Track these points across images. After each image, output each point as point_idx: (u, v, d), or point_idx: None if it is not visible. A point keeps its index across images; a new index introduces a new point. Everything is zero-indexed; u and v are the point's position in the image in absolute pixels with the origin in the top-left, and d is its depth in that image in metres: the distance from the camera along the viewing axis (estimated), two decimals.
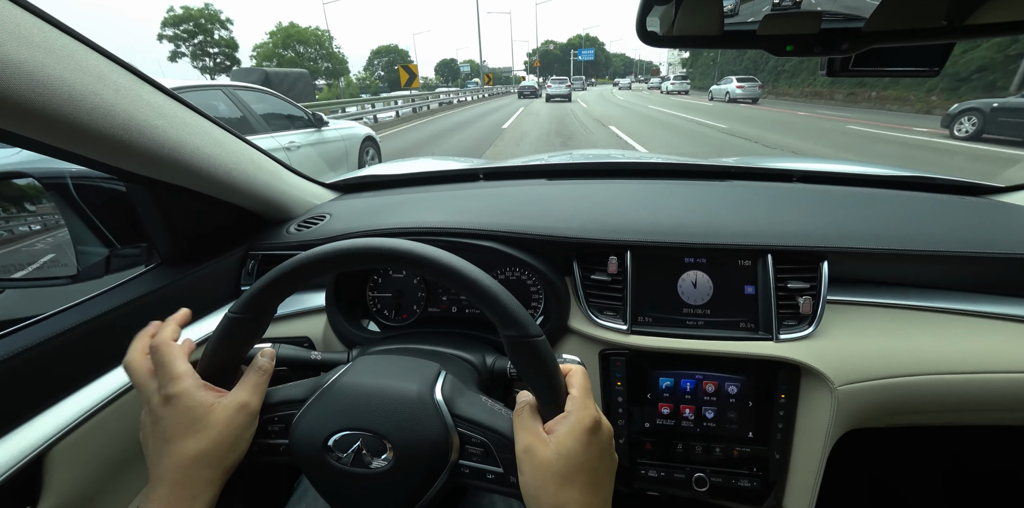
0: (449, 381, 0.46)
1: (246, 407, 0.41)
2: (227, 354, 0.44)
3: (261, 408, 0.44)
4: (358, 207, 0.92)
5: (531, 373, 0.40)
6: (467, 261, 0.40)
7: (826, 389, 0.66)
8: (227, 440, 0.39)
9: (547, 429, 0.39)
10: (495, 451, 0.41)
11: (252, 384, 0.43)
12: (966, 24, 0.44)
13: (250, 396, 0.42)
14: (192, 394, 0.40)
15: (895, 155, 7.09)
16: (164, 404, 0.40)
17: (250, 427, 0.42)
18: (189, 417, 0.39)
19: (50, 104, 0.42)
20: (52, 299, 0.60)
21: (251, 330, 0.44)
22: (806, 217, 0.75)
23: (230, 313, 0.42)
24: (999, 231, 0.73)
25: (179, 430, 0.39)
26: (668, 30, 0.51)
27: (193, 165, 0.61)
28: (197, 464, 0.38)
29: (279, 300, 0.44)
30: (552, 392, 0.40)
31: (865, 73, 0.56)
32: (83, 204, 0.66)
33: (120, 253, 0.69)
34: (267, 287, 0.42)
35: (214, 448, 0.39)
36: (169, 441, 0.39)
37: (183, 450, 0.38)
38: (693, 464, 0.72)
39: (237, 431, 0.40)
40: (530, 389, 0.41)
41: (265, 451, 0.45)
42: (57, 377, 0.53)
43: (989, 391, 0.66)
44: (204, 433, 0.39)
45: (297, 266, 0.41)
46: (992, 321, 0.69)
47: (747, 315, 0.70)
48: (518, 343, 0.39)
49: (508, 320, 0.39)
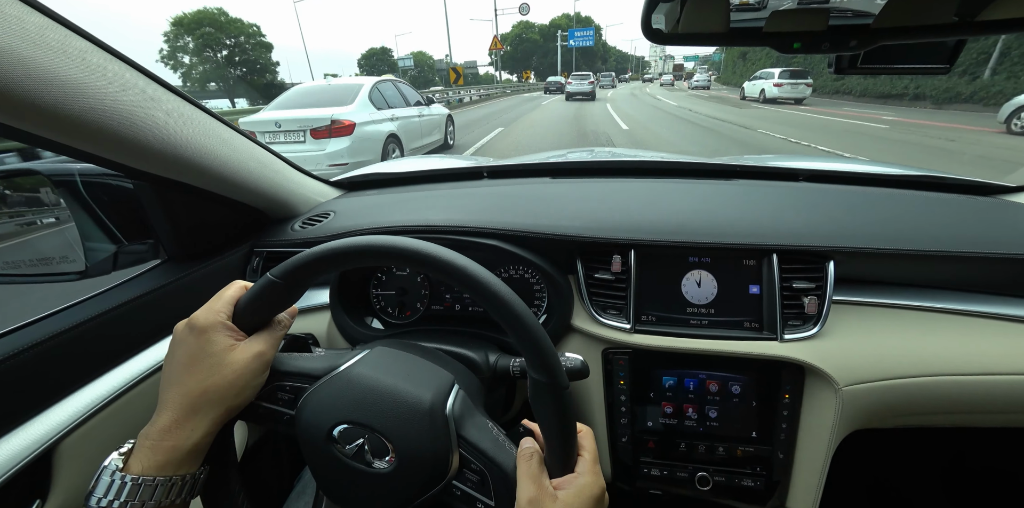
0: (461, 397, 0.46)
1: (262, 356, 0.42)
2: (256, 312, 0.44)
3: (276, 373, 0.45)
4: (362, 205, 0.92)
5: (551, 422, 0.39)
6: (508, 289, 0.39)
7: (831, 389, 0.65)
8: (236, 382, 0.40)
9: (555, 485, 0.38)
10: (491, 483, 0.41)
11: (270, 336, 0.44)
12: (977, 20, 0.44)
13: (266, 346, 0.43)
14: (217, 331, 0.41)
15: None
16: (190, 331, 0.41)
17: (260, 375, 0.43)
18: (206, 351, 0.40)
19: (60, 102, 0.43)
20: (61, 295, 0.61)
21: (283, 297, 0.44)
22: (812, 217, 0.75)
23: (271, 275, 0.42)
24: (1008, 231, 0.72)
25: (195, 360, 0.40)
26: (674, 27, 0.51)
27: (199, 163, 0.62)
28: (203, 398, 0.39)
29: (315, 278, 0.44)
30: (565, 448, 0.40)
31: (874, 70, 0.55)
32: (91, 201, 0.67)
33: (127, 249, 0.70)
34: (311, 261, 0.42)
35: (222, 387, 0.40)
36: (182, 369, 0.40)
37: (193, 380, 0.39)
38: (696, 463, 0.72)
39: (248, 376, 0.41)
40: (544, 436, 0.41)
41: (269, 417, 0.45)
42: (66, 372, 0.54)
43: (994, 393, 0.65)
44: (216, 370, 0.40)
45: (346, 249, 0.41)
46: (999, 322, 0.69)
47: (751, 315, 0.69)
48: (546, 390, 0.39)
49: (544, 365, 0.38)
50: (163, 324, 0.66)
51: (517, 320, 0.38)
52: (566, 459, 0.40)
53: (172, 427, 0.38)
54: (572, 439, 0.40)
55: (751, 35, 0.52)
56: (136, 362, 0.61)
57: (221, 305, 0.43)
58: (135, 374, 0.59)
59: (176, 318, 0.44)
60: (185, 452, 0.38)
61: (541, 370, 0.38)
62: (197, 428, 0.38)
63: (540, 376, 0.38)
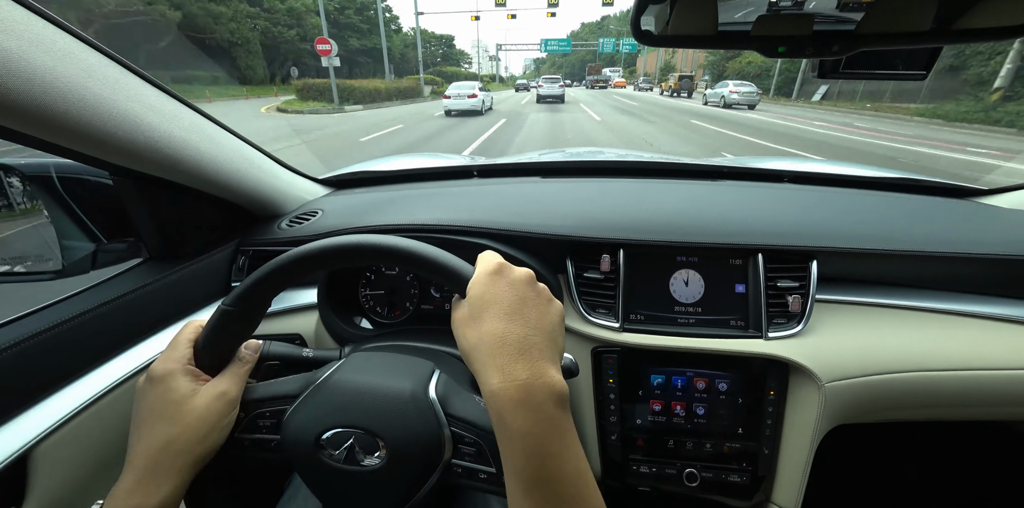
0: (443, 380, 0.46)
1: (224, 395, 0.41)
2: (219, 345, 0.44)
3: (252, 402, 0.44)
4: (351, 203, 0.91)
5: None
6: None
7: (814, 386, 0.67)
8: (201, 427, 0.39)
9: None
10: (488, 451, 0.41)
11: (233, 373, 0.43)
12: (953, 28, 0.45)
13: (229, 385, 0.42)
14: (175, 377, 0.40)
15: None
16: (149, 382, 0.40)
17: (227, 416, 0.42)
18: (166, 400, 0.39)
19: (37, 96, 0.41)
20: (35, 296, 0.59)
21: (244, 323, 0.44)
22: (796, 217, 0.76)
23: (223, 305, 0.42)
24: (981, 232, 0.75)
25: (154, 413, 0.39)
26: (663, 29, 0.52)
27: (182, 159, 0.61)
28: (166, 450, 0.38)
29: (272, 295, 0.44)
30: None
31: (856, 75, 0.57)
32: (68, 198, 0.65)
33: (107, 248, 0.68)
34: (260, 281, 0.42)
35: (185, 435, 0.39)
36: (144, 423, 0.39)
37: (154, 435, 0.38)
38: (684, 460, 0.73)
39: (213, 419, 0.40)
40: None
41: (256, 447, 0.44)
42: (42, 374, 0.52)
43: (970, 387, 0.68)
44: (178, 418, 0.39)
45: (290, 261, 0.41)
46: (976, 320, 0.71)
47: (738, 313, 0.71)
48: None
49: (449, 276, 0.40)
50: (145, 325, 0.64)
51: (415, 253, 0.40)
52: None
53: (136, 487, 0.37)
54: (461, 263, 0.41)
55: (738, 38, 0.53)
56: (117, 364, 0.59)
57: (177, 350, 0.42)
58: (116, 377, 0.57)
59: (158, 319, 0.43)
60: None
61: (451, 280, 0.39)
62: (164, 484, 0.37)
63: (454, 286, 0.39)
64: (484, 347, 0.35)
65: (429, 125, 12.13)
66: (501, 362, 0.34)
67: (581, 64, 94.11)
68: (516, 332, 0.35)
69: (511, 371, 0.33)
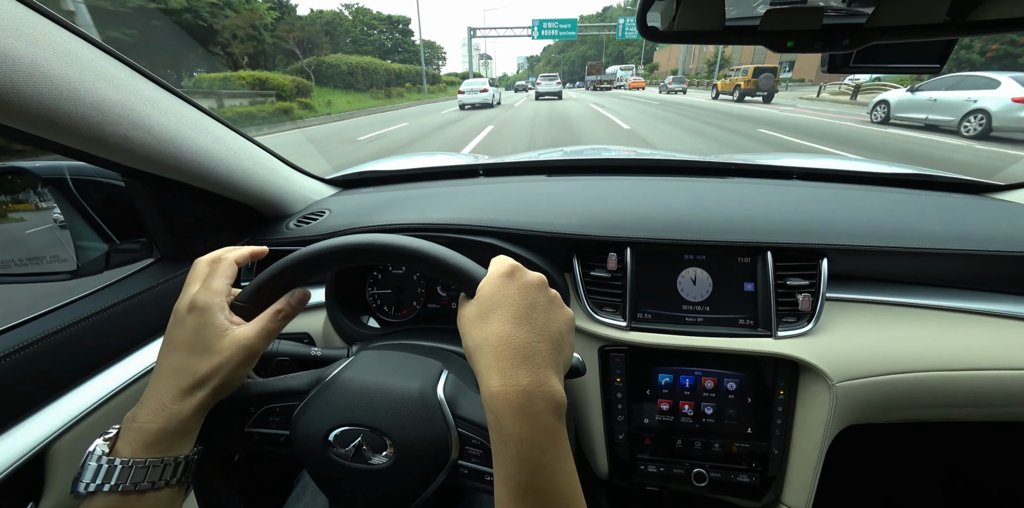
0: (451, 380, 0.46)
1: (249, 349, 0.40)
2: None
3: (262, 396, 0.45)
4: (358, 203, 0.92)
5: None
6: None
7: (824, 385, 0.66)
8: (222, 368, 0.39)
9: None
10: None
11: (264, 328, 0.42)
12: (968, 20, 0.44)
13: (257, 340, 0.41)
14: (214, 312, 0.40)
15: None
16: (188, 310, 0.40)
17: (246, 366, 0.41)
18: (200, 334, 0.39)
19: (49, 100, 0.42)
20: (53, 294, 0.60)
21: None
22: (805, 214, 0.75)
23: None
24: (997, 229, 0.73)
25: (187, 343, 0.39)
26: (669, 25, 0.51)
27: (191, 160, 0.61)
28: (190, 379, 0.38)
29: (281, 293, 0.44)
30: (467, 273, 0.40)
31: (866, 69, 0.56)
32: (82, 199, 0.66)
33: (119, 248, 0.69)
34: (273, 277, 0.42)
35: (211, 368, 0.39)
36: (175, 350, 0.39)
37: (182, 362, 0.39)
38: (692, 459, 0.72)
39: (231, 366, 0.40)
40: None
41: (266, 441, 0.45)
42: (59, 372, 0.53)
43: (985, 387, 0.66)
44: (207, 355, 0.39)
45: (302, 259, 0.41)
46: (988, 319, 0.70)
47: (746, 312, 0.70)
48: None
49: (460, 277, 0.40)
50: (157, 323, 0.65)
51: (427, 254, 0.39)
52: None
53: (159, 409, 0.37)
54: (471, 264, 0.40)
55: (746, 33, 0.52)
56: (131, 362, 0.60)
57: (218, 280, 0.42)
58: (131, 373, 0.58)
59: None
60: (174, 433, 0.37)
61: (462, 281, 0.39)
62: (184, 409, 0.37)
63: (464, 288, 0.39)
64: (488, 348, 0.35)
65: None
66: (503, 365, 0.34)
67: (582, 62, 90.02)
68: (521, 337, 0.35)
69: (513, 375, 0.33)
